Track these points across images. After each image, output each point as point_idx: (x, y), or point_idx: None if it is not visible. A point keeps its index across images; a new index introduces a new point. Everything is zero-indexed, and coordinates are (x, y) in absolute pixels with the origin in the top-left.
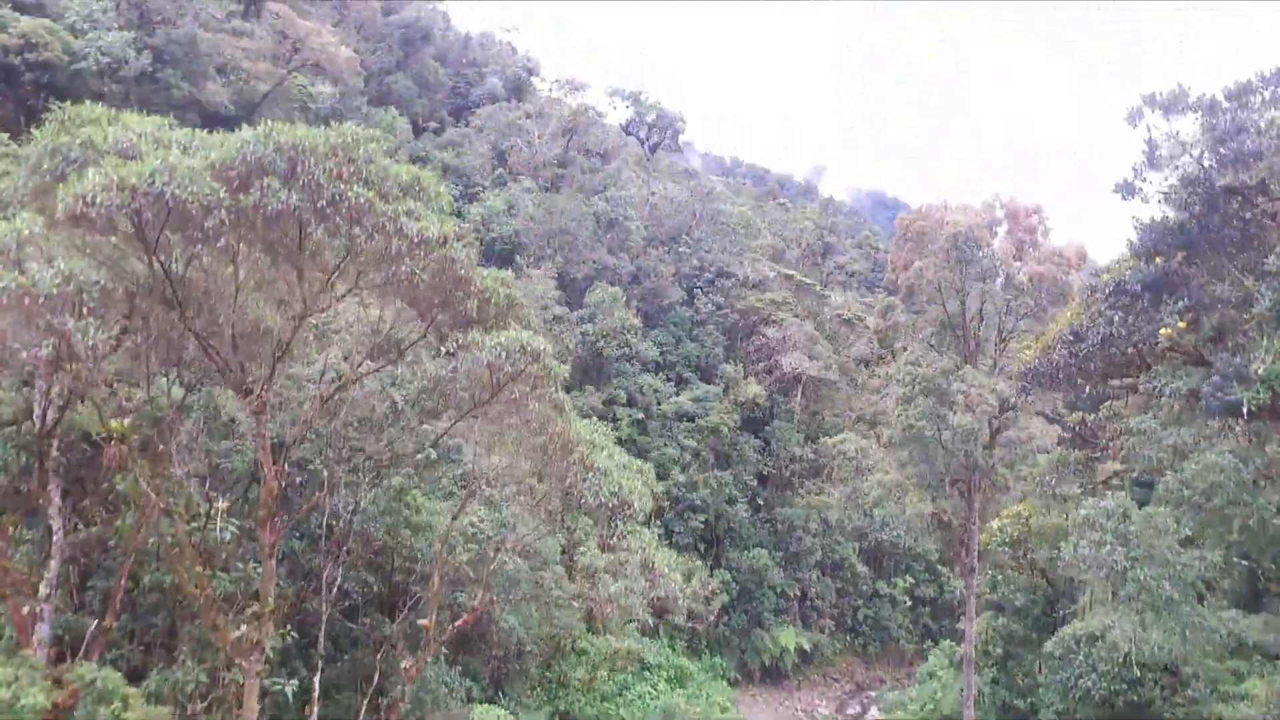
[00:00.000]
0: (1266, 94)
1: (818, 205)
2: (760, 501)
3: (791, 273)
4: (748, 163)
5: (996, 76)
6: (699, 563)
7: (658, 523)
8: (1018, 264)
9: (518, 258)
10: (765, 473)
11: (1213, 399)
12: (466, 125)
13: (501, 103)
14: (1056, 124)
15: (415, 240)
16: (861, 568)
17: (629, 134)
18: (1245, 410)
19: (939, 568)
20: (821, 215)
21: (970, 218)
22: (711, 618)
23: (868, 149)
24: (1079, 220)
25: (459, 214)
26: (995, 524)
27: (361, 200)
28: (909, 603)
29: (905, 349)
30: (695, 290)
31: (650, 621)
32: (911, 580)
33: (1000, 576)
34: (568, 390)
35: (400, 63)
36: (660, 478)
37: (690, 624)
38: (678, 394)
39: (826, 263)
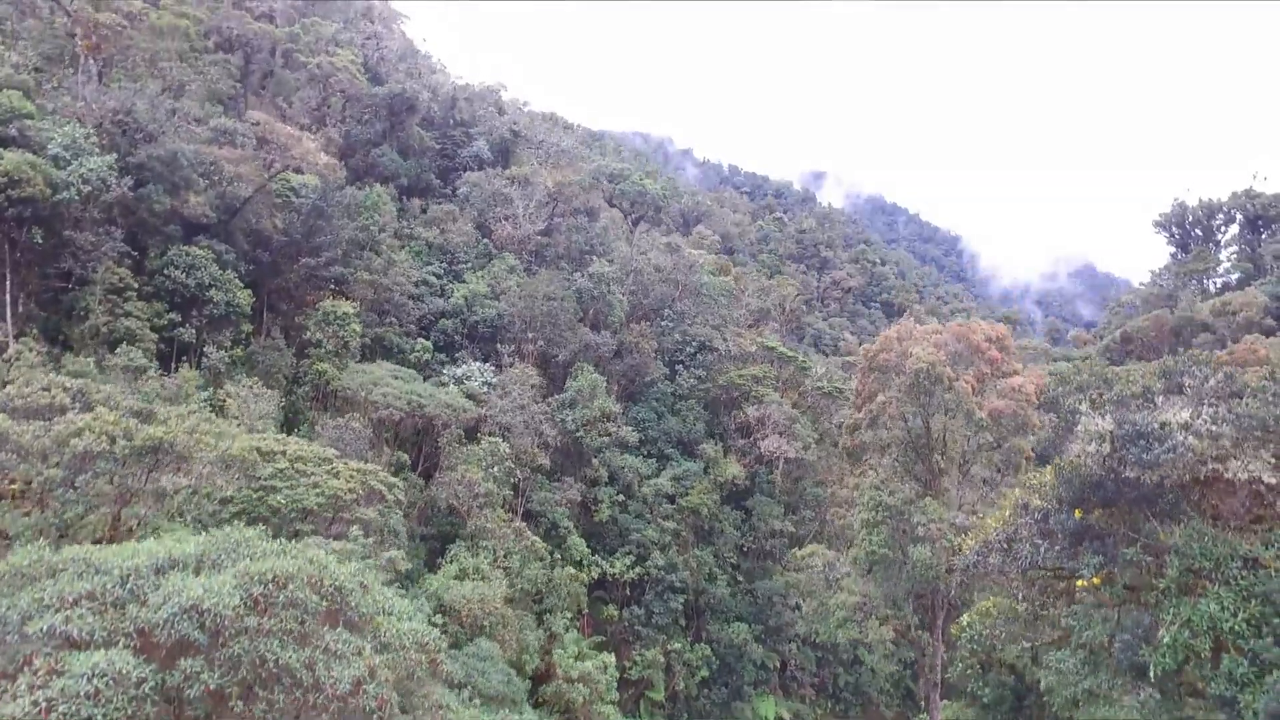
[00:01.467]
0: (1160, 399)
1: (815, 219)
2: (740, 576)
3: (773, 345)
4: (746, 170)
5: (996, 77)
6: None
7: (638, 605)
8: (979, 399)
9: (500, 346)
10: (746, 547)
11: (1122, 656)
12: (453, 191)
13: (488, 169)
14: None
15: (331, 693)
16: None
17: (612, 205)
18: (1152, 674)
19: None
20: (819, 228)
21: (932, 353)
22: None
23: (867, 153)
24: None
25: (443, 293)
26: (965, 619)
27: (282, 662)
28: (890, 668)
29: (871, 468)
30: (678, 364)
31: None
32: (892, 646)
33: (970, 669)
34: (549, 476)
35: (386, 133)
36: (640, 559)
37: (671, 699)
38: (659, 473)
39: (823, 278)
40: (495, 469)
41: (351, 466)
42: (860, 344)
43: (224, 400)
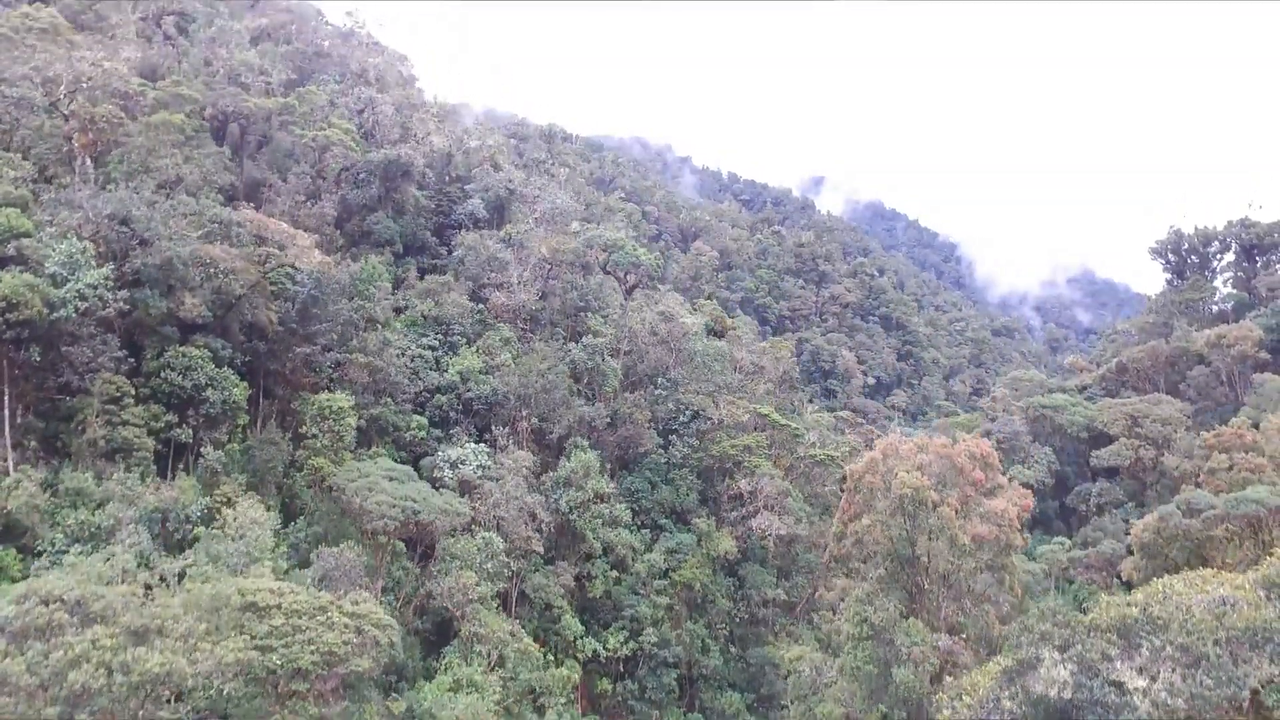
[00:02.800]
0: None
1: (813, 231)
2: (734, 645)
3: (766, 412)
4: (745, 178)
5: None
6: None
7: (632, 680)
8: (962, 521)
9: (495, 425)
10: (739, 617)
11: None
12: (449, 250)
13: (483, 229)
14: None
15: None
16: None
17: (606, 273)
18: None
19: None
20: (817, 241)
21: (916, 478)
22: None
23: (866, 158)
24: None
25: (438, 366)
26: None
27: None
28: None
29: (858, 577)
30: (671, 433)
31: None
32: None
33: None
34: (544, 558)
35: (381, 198)
36: (634, 634)
37: None
38: (652, 546)
39: (821, 292)
40: (489, 564)
41: (346, 612)
42: (855, 358)
43: (221, 506)
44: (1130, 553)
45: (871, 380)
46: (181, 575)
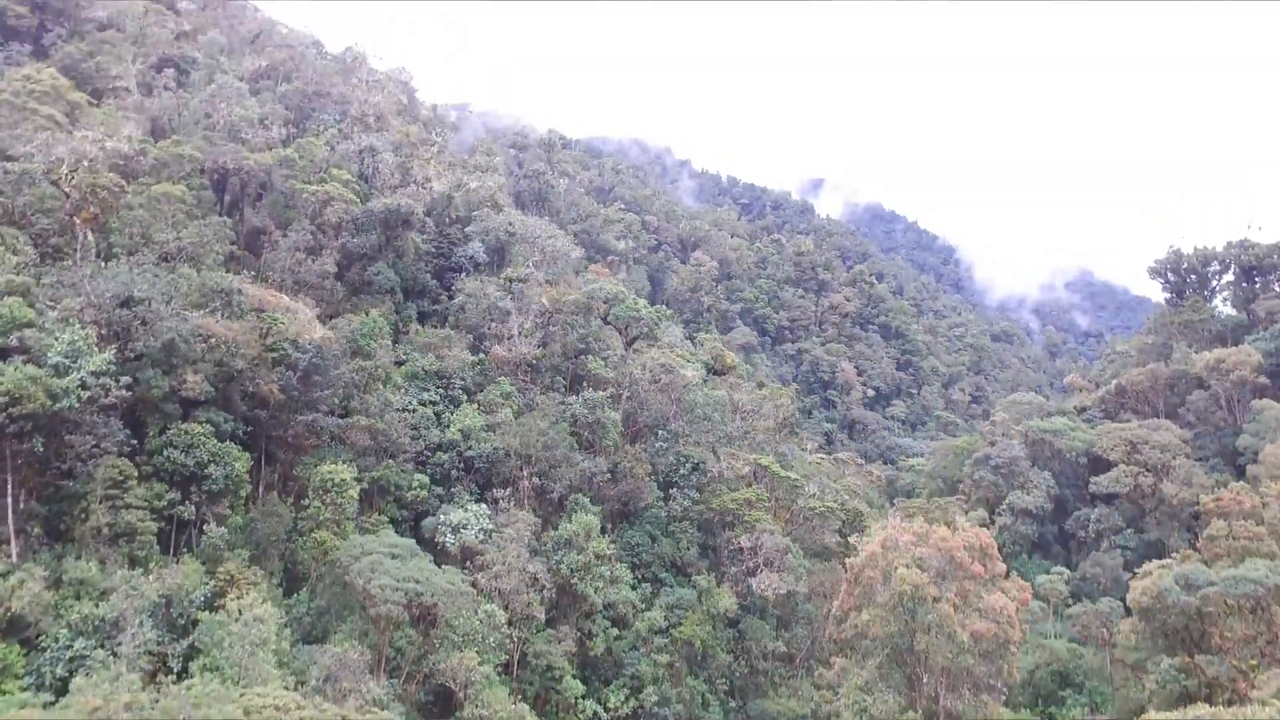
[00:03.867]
0: None
1: (813, 238)
2: (734, 700)
3: (766, 463)
4: (744, 181)
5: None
6: None
7: None
8: (961, 615)
9: (496, 486)
10: (739, 670)
11: None
12: (449, 294)
13: (484, 275)
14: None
15: None
16: None
17: (606, 323)
18: None
19: None
20: (816, 250)
21: (915, 574)
22: None
23: (865, 159)
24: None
25: (439, 421)
26: None
27: None
28: None
29: (857, 665)
30: (672, 485)
31: None
32: None
33: None
34: (548, 624)
35: (381, 247)
36: (635, 692)
37: None
38: (652, 601)
39: (821, 301)
40: (491, 637)
41: None
42: (855, 369)
43: (226, 586)
44: (1128, 611)
45: (871, 391)
46: (184, 667)
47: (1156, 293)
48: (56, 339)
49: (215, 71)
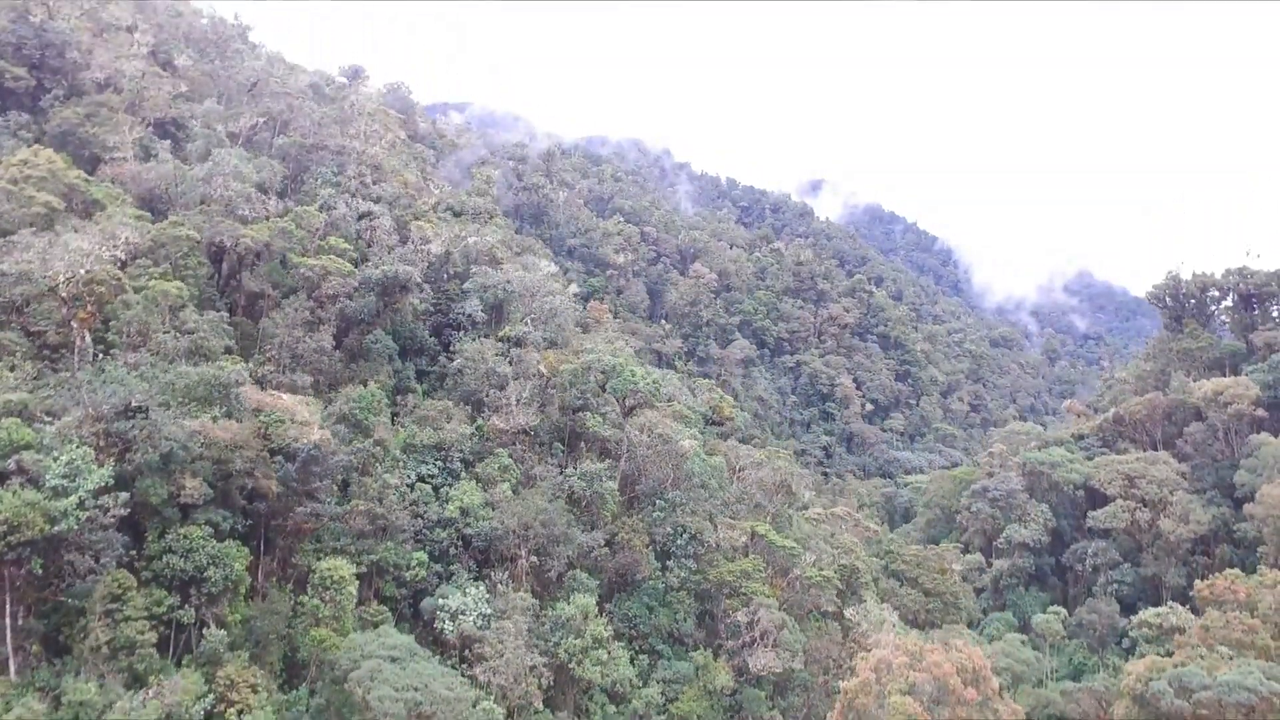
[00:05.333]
0: None
1: (811, 246)
2: None
3: (764, 531)
4: (744, 184)
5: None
6: None
7: None
8: None
9: (494, 572)
10: None
11: None
12: (448, 351)
13: (482, 336)
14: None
15: None
16: None
17: (604, 391)
18: None
19: None
20: (816, 260)
21: (909, 703)
22: None
23: (864, 159)
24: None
25: (437, 495)
26: None
27: None
28: None
29: None
30: (669, 555)
31: None
32: None
33: None
34: (546, 703)
35: (379, 312)
36: None
37: None
38: (649, 678)
39: (820, 312)
40: None
41: None
42: (853, 380)
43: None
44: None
45: (869, 405)
46: None
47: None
48: (55, 459)
49: (211, 145)
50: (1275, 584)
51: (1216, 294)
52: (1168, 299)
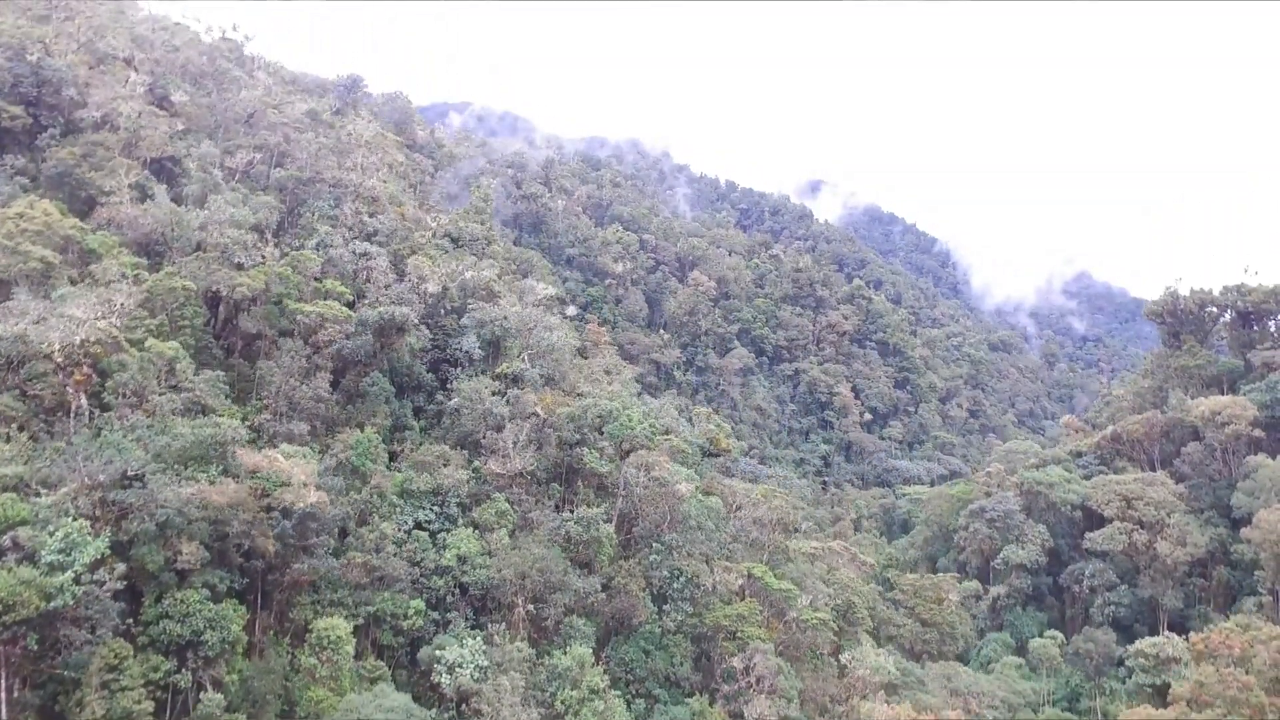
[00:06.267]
0: None
1: (810, 252)
2: None
3: (760, 574)
4: (742, 186)
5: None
6: None
7: None
8: None
9: (490, 624)
10: None
11: None
12: (446, 388)
13: (479, 373)
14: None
15: None
16: None
17: (600, 433)
18: None
19: None
20: (814, 266)
21: None
22: None
23: (864, 159)
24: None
25: (435, 541)
26: None
27: None
28: None
29: None
30: (665, 599)
31: None
32: None
33: None
34: None
35: (376, 353)
36: None
37: None
38: None
39: (818, 320)
40: None
41: None
42: (852, 388)
43: None
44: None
45: (868, 414)
46: None
47: (1156, 294)
48: (50, 534)
49: (208, 189)
50: (1270, 639)
51: (1214, 310)
52: (1166, 315)
